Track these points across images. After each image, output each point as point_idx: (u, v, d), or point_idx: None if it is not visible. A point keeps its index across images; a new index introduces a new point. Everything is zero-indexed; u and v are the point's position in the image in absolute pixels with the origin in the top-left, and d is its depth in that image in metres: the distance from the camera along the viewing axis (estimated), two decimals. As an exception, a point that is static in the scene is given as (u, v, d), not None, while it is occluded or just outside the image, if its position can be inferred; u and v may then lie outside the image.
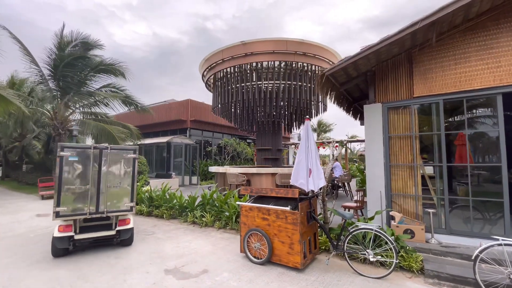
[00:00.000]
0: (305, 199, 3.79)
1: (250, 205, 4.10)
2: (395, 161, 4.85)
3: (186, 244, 4.86)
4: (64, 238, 4.19)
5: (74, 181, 4.30)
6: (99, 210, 4.42)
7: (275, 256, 3.78)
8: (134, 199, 4.79)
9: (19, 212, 7.96)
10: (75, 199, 4.28)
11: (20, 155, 18.64)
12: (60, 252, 4.26)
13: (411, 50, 4.86)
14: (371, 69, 5.17)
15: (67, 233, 4.21)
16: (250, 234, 4.01)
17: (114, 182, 4.63)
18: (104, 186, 4.49)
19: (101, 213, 4.43)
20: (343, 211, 3.63)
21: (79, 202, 4.30)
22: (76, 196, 4.29)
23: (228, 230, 5.68)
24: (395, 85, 4.96)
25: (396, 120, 4.91)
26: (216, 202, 6.35)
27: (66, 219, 4.24)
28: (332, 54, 9.44)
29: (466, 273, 3.39)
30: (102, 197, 4.47)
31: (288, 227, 3.66)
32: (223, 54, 9.35)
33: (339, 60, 4.62)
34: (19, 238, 5.31)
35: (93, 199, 4.39)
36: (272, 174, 8.52)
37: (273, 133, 10.74)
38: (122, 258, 4.17)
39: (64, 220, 4.25)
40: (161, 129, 18.03)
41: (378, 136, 4.94)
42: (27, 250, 4.61)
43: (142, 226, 6.13)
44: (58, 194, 4.13)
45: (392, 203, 4.81)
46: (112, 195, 4.57)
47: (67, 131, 12.35)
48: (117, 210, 4.59)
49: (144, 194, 7.78)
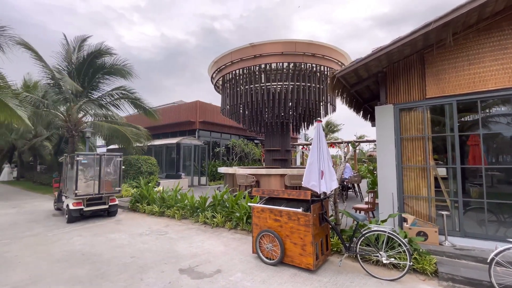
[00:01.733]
0: (317, 201, 3.82)
1: (262, 206, 4.15)
2: (407, 162, 4.82)
3: (199, 244, 4.95)
4: (77, 210, 6.64)
5: (85, 175, 6.91)
6: (99, 192, 7.03)
7: (287, 257, 3.82)
8: (120, 186, 7.61)
9: (35, 212, 8.22)
10: (86, 186, 6.86)
11: (33, 156, 19.20)
12: (73, 219, 6.66)
13: (423, 51, 4.84)
14: (382, 70, 5.15)
15: (79, 206, 6.67)
16: (262, 235, 4.06)
17: (108, 175, 7.35)
18: (103, 178, 7.11)
19: (101, 194, 7.06)
20: (355, 213, 3.64)
21: (88, 187, 6.89)
22: (86, 184, 6.87)
23: (239, 231, 5.75)
24: (407, 86, 4.94)
25: (408, 121, 4.88)
26: (226, 203, 6.43)
27: (80, 198, 6.69)
28: (341, 55, 9.41)
29: (481, 276, 3.36)
30: (101, 184, 7.07)
31: (301, 229, 3.70)
32: (232, 56, 9.43)
33: (350, 62, 4.63)
34: (38, 237, 5.50)
35: (96, 185, 6.99)
36: (281, 175, 8.56)
37: (281, 134, 10.77)
38: (138, 258, 4.28)
39: (77, 199, 6.65)
40: (170, 130, 18.28)
41: (389, 137, 4.93)
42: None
43: (155, 226, 6.26)
44: (76, 182, 6.62)
45: (404, 205, 4.79)
46: (107, 183, 7.26)
47: (80, 132, 12.65)
48: (110, 192, 7.28)
49: (155, 194, 7.93)
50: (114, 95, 13.56)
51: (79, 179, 6.66)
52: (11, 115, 7.30)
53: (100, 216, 7.40)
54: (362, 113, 7.71)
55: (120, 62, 12.41)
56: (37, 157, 18.97)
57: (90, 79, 12.67)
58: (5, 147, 21.67)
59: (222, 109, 11.43)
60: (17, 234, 5.74)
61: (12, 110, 7.21)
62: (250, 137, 20.63)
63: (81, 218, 6.98)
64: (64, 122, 12.93)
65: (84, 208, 6.72)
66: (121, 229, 6.11)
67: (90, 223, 6.65)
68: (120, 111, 13.96)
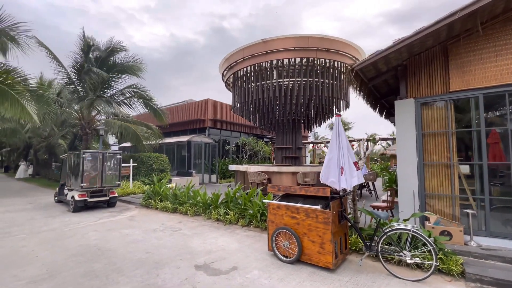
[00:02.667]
0: (336, 198, 3.69)
1: (278, 203, 4.05)
2: (429, 159, 4.62)
3: (213, 241, 4.90)
4: (82, 200, 7.51)
5: (90, 170, 7.79)
6: (102, 185, 7.96)
7: (305, 255, 3.71)
8: (120, 180, 8.49)
9: (50, 208, 8.38)
10: (91, 180, 7.77)
11: (48, 154, 19.69)
12: (78, 209, 7.55)
13: (446, 42, 4.62)
14: (402, 63, 4.96)
15: (84, 198, 7.55)
16: (278, 233, 3.97)
17: (110, 171, 8.22)
18: (105, 173, 8.03)
19: (103, 187, 8.00)
20: (376, 211, 3.50)
21: (93, 181, 7.81)
22: (91, 178, 7.78)
23: (252, 228, 5.67)
24: (429, 79, 4.73)
25: (429, 116, 4.68)
26: (239, 200, 6.36)
27: (84, 190, 7.58)
28: (355, 50, 9.18)
29: (510, 277, 3.19)
30: (104, 178, 7.99)
31: (319, 226, 3.58)
32: (244, 52, 9.35)
33: (370, 54, 4.46)
34: (54, 232, 5.59)
35: (99, 179, 7.93)
36: (293, 173, 8.43)
37: (293, 131, 10.63)
38: (153, 253, 4.26)
39: (82, 191, 7.55)
40: (181, 129, 18.39)
41: (410, 133, 4.74)
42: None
43: (169, 223, 6.25)
44: (82, 177, 7.55)
45: (425, 203, 4.60)
46: (109, 178, 8.16)
47: (93, 130, 12.86)
48: (111, 185, 8.21)
49: (168, 191, 7.94)
50: (126, 93, 13.71)
51: (85, 174, 7.63)
52: (21, 111, 7.46)
53: (113, 211, 7.54)
54: (378, 109, 7.49)
55: (130, 58, 12.52)
56: (52, 155, 19.45)
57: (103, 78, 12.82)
58: (21, 145, 22.34)
59: (233, 106, 11.38)
60: (34, 229, 5.84)
61: (23, 106, 7.36)
62: (259, 135, 20.53)
63: (85, 208, 7.95)
64: (78, 120, 13.18)
65: (88, 199, 7.63)
66: (134, 225, 6.13)
67: (104, 219, 6.71)
68: (132, 110, 14.12)
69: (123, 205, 8.83)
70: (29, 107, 7.92)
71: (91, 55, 12.08)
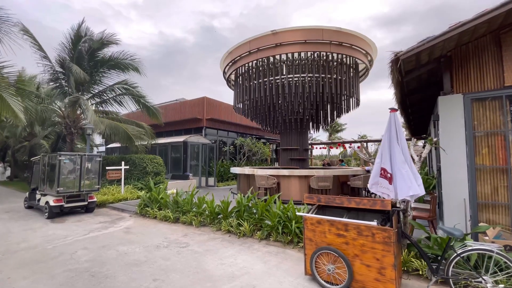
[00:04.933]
0: (395, 212, 3.02)
1: (318, 217, 3.34)
2: (481, 162, 4.05)
3: (231, 260, 4.13)
4: (57, 206, 6.95)
5: (68, 173, 7.29)
6: (80, 189, 7.42)
7: (357, 282, 3.02)
8: (99, 184, 7.98)
9: (31, 217, 7.32)
10: (68, 183, 7.26)
11: (28, 155, 18.14)
12: (54, 215, 7.02)
13: (498, 31, 4.07)
14: (446, 54, 4.38)
15: (60, 203, 7.00)
16: (319, 254, 3.26)
17: (88, 174, 7.75)
18: (83, 176, 7.53)
19: (82, 191, 7.44)
20: (449, 228, 2.86)
21: (70, 185, 7.30)
22: (68, 182, 7.28)
23: (271, 242, 4.93)
24: (479, 72, 4.17)
25: (481, 114, 4.11)
26: (254, 209, 5.61)
27: (60, 195, 7.03)
28: (368, 44, 8.64)
29: None
30: (82, 182, 7.49)
31: (377, 247, 2.90)
32: (250, 45, 8.60)
33: (419, 41, 3.84)
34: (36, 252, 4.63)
35: (77, 183, 7.40)
36: (306, 177, 7.77)
37: (300, 131, 9.98)
38: (162, 281, 3.45)
39: (58, 196, 6.99)
40: (175, 128, 17.36)
41: (458, 133, 4.15)
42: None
43: (172, 236, 5.41)
44: (58, 180, 6.99)
45: (477, 213, 4.02)
46: (87, 181, 7.66)
47: (79, 129, 11.72)
48: (90, 189, 7.69)
49: (168, 198, 7.08)
50: (116, 90, 12.66)
51: (61, 178, 7.09)
52: (2, 107, 6.38)
53: (105, 222, 6.58)
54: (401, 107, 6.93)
55: (128, 56, 11.54)
56: (33, 156, 17.93)
57: (92, 72, 11.73)
58: (-3, 145, 20.57)
59: (235, 105, 10.60)
60: (10, 246, 4.86)
61: (5, 102, 6.29)
62: (258, 136, 19.79)
63: (61, 214, 7.38)
64: (62, 119, 11.99)
65: (64, 204, 7.11)
66: (132, 239, 5.26)
67: (96, 232, 5.78)
68: (122, 107, 13.06)
69: (116, 213, 7.86)
70: (14, 103, 6.83)
71: (81, 46, 10.96)
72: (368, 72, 9.99)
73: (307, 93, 8.49)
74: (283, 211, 5.11)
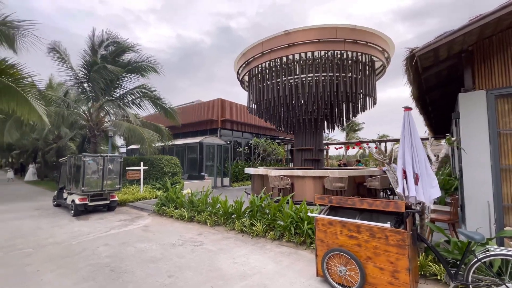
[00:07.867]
0: (410, 213, 2.93)
1: (330, 218, 3.31)
2: (506, 162, 3.82)
3: (244, 259, 4.17)
4: (82, 204, 7.39)
5: (91, 174, 7.71)
6: (103, 189, 7.87)
7: (370, 284, 2.96)
8: (120, 184, 8.39)
9: (58, 215, 7.79)
10: (91, 183, 7.70)
11: (56, 156, 19.29)
12: (79, 213, 7.43)
13: (525, 22, 3.82)
14: (467, 48, 4.17)
15: (84, 202, 7.44)
16: (331, 255, 3.22)
17: (110, 174, 8.13)
18: (106, 176, 7.93)
19: (104, 191, 7.89)
20: (469, 231, 2.73)
21: (93, 184, 7.73)
22: (92, 182, 7.70)
23: (284, 243, 4.93)
24: (503, 67, 3.93)
25: (506, 111, 3.87)
26: (267, 209, 5.63)
27: (85, 194, 7.48)
28: (384, 41, 8.39)
29: None
30: (105, 182, 7.90)
31: (390, 250, 2.82)
32: (263, 46, 8.63)
33: (436, 37, 3.69)
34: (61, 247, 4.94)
35: (100, 183, 7.84)
36: (320, 177, 7.68)
37: (314, 131, 9.87)
38: (177, 277, 3.56)
39: (82, 194, 7.45)
40: (191, 130, 17.75)
41: (480, 131, 3.94)
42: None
43: (187, 234, 5.56)
44: (82, 180, 7.44)
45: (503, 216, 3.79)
46: (109, 181, 8.05)
47: (102, 132, 12.30)
48: (112, 189, 8.11)
49: (184, 197, 7.27)
50: (135, 94, 13.14)
51: (86, 178, 7.53)
52: (29, 111, 6.86)
53: (125, 220, 6.86)
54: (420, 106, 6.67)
55: (145, 58, 11.96)
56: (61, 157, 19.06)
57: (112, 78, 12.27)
58: (29, 147, 22.04)
59: (249, 106, 10.67)
60: (40, 241, 5.22)
61: (31, 107, 6.76)
62: (272, 136, 19.78)
63: (86, 212, 7.81)
64: (86, 122, 12.65)
65: (88, 203, 7.52)
66: (150, 237, 5.45)
67: (116, 229, 6.06)
68: (141, 110, 13.54)
69: (135, 212, 8.18)
70: (39, 107, 7.35)
71: (103, 51, 11.52)
72: (385, 70, 9.69)
73: (321, 92, 8.39)
74: (296, 212, 5.09)
